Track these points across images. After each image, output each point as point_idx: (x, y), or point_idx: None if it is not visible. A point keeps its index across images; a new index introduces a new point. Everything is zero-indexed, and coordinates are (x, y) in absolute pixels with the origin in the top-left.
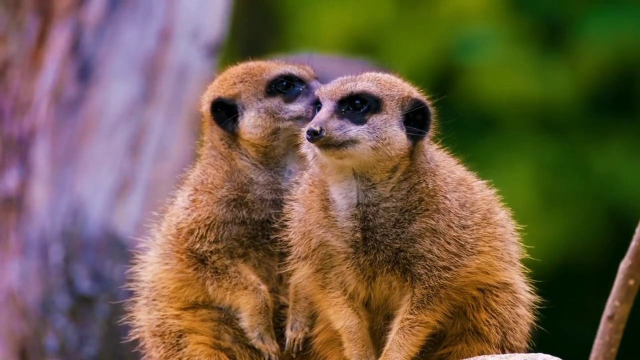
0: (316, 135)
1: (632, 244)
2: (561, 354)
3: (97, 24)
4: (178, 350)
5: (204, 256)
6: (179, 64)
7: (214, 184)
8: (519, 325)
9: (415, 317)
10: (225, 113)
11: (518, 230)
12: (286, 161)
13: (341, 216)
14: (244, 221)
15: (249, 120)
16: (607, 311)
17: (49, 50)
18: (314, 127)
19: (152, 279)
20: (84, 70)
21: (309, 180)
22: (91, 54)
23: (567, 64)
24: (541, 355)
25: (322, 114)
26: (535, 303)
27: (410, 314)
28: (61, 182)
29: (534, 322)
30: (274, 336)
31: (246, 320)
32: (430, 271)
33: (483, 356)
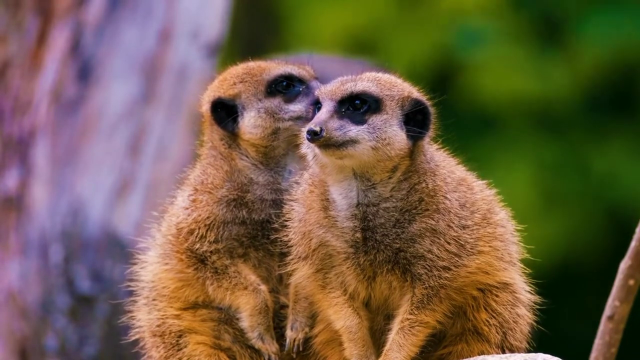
0: (316, 136)
1: (632, 244)
2: (561, 354)
3: (97, 24)
4: (178, 350)
5: (204, 256)
6: (179, 64)
7: (214, 184)
8: (519, 325)
9: (415, 317)
10: (226, 113)
11: (518, 230)
12: (286, 161)
13: (341, 216)
14: (244, 221)
15: (249, 120)
16: (607, 311)
17: (49, 50)
18: (314, 127)
19: (152, 278)
20: (84, 70)
21: (309, 180)
22: (91, 54)
23: (567, 62)
24: (541, 355)
25: (322, 114)
26: (535, 303)
27: (410, 314)
28: (61, 182)
29: (534, 322)
30: (273, 336)
31: (246, 320)
32: (430, 271)
33: (483, 356)
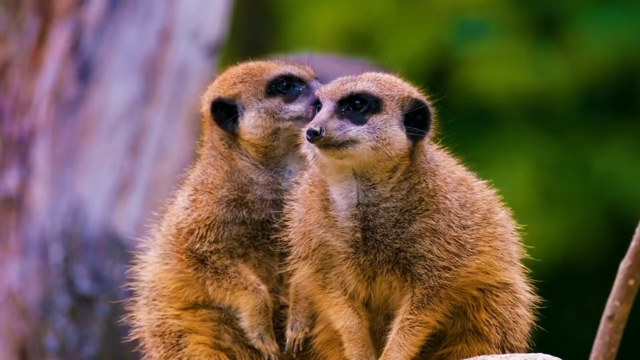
0: (316, 136)
1: (632, 244)
2: (561, 354)
3: (97, 24)
4: (178, 350)
5: (204, 256)
6: (179, 64)
7: (214, 184)
8: (519, 325)
9: (415, 317)
10: (226, 113)
11: (518, 230)
12: (286, 161)
13: (341, 216)
14: (244, 221)
15: (249, 120)
16: (607, 311)
17: (49, 50)
18: (314, 127)
19: (152, 279)
20: (84, 70)
21: (309, 180)
22: (91, 54)
23: (566, 60)
24: (541, 355)
25: (322, 114)
26: (535, 303)
27: (410, 314)
28: (61, 182)
29: (534, 322)
30: (273, 336)
31: (246, 321)
32: (430, 271)
33: (483, 356)
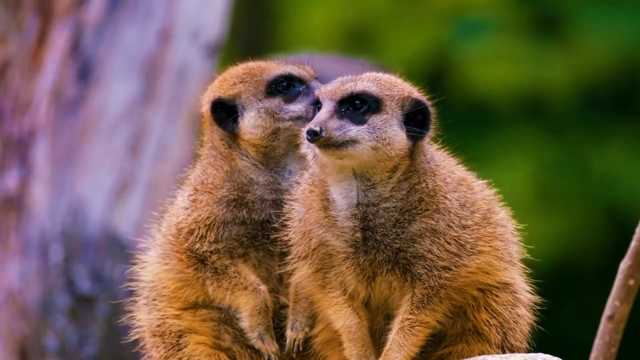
0: (316, 136)
1: (632, 244)
2: (561, 354)
3: (97, 24)
4: (178, 350)
5: (204, 256)
6: (179, 64)
7: (214, 184)
8: (519, 325)
9: (416, 317)
10: (226, 113)
11: (518, 230)
12: (286, 161)
13: (341, 216)
14: (244, 221)
15: (249, 120)
16: (607, 311)
17: (49, 50)
18: (314, 127)
19: (152, 279)
20: (84, 70)
21: (309, 180)
22: (91, 54)
23: (566, 59)
24: (541, 355)
25: (322, 114)
26: (535, 303)
27: (411, 314)
28: (61, 182)
29: (534, 322)
30: (273, 336)
31: (246, 321)
32: (430, 271)
33: (483, 356)
